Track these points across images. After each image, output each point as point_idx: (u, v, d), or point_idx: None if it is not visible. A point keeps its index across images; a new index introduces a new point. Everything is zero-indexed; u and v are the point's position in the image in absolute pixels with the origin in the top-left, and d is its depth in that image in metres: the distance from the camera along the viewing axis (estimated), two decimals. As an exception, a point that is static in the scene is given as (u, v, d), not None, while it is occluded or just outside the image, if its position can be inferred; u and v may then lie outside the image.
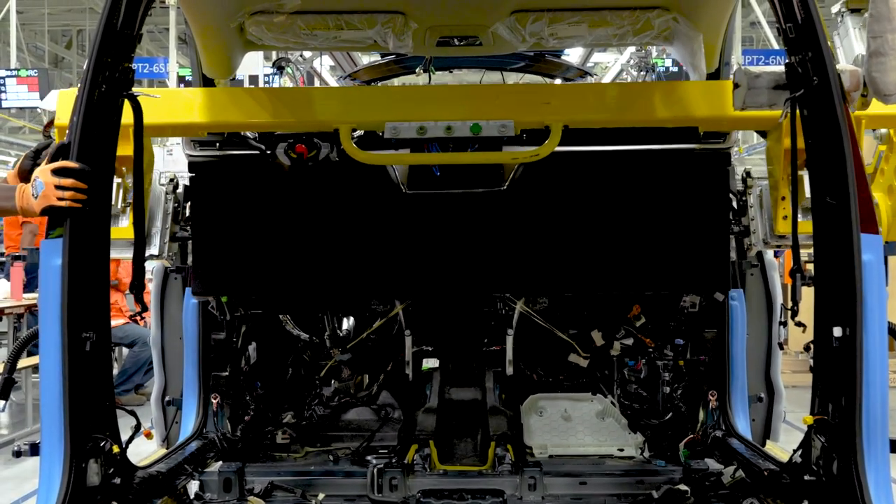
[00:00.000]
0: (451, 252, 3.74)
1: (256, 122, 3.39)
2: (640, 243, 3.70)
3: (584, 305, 4.25)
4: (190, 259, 3.76)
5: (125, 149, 2.96)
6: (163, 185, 3.64)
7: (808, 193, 2.98)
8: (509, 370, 4.15)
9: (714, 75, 3.68)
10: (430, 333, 4.29)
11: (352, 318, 4.42)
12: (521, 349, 4.26)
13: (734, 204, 3.69)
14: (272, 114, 3.25)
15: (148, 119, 2.90)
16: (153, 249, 3.54)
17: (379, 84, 6.38)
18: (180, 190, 3.75)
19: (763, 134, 3.56)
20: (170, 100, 3.30)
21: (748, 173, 3.63)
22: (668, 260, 3.70)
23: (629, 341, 4.26)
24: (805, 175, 3.05)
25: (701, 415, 3.99)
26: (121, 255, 3.30)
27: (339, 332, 4.39)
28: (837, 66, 2.76)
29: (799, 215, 2.94)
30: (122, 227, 3.35)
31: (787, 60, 2.80)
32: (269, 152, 3.59)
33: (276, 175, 3.62)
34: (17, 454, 3.00)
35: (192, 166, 3.73)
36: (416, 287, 3.89)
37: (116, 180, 3.20)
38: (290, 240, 3.74)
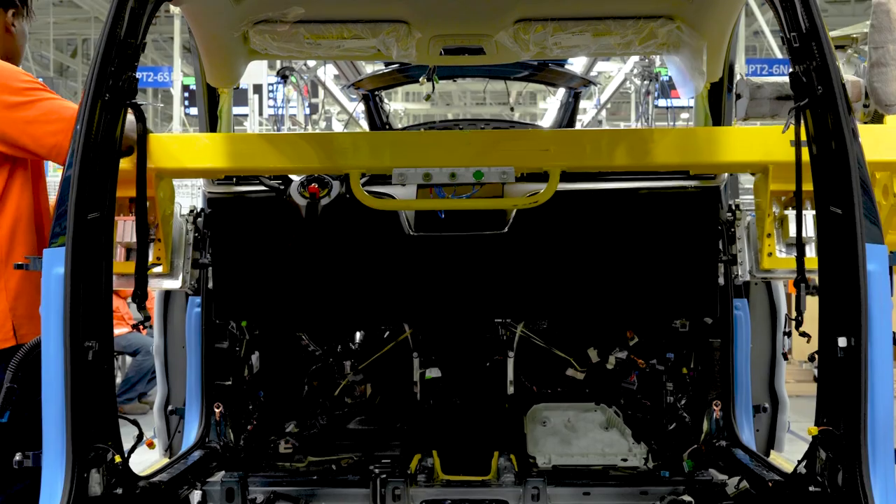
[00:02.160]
0: (456, 283, 3.93)
1: (269, 167, 3.49)
2: (634, 274, 3.88)
3: (580, 327, 4.33)
4: (210, 283, 3.85)
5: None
6: (184, 215, 3.65)
7: (793, 232, 3.17)
8: (510, 389, 4.22)
9: (718, 84, 3.69)
10: (436, 352, 4.33)
11: (362, 331, 4.44)
12: (523, 363, 4.28)
13: (724, 233, 3.75)
14: (284, 159, 3.35)
15: (168, 163, 3.15)
16: (176, 282, 3.56)
17: (384, 91, 6.41)
18: (200, 218, 3.80)
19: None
20: (188, 145, 3.40)
21: (737, 206, 3.68)
22: (659, 288, 3.89)
23: (623, 354, 4.28)
24: (790, 214, 3.22)
25: (705, 425, 3.97)
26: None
27: (351, 345, 4.40)
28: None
29: (784, 251, 3.19)
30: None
31: (791, 70, 2.80)
32: (282, 186, 3.75)
33: (290, 212, 3.75)
34: (19, 464, 2.98)
35: (211, 202, 3.83)
36: (422, 314, 4.08)
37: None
38: (304, 271, 3.92)
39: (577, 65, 14.34)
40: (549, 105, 24.44)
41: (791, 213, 3.23)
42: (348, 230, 3.83)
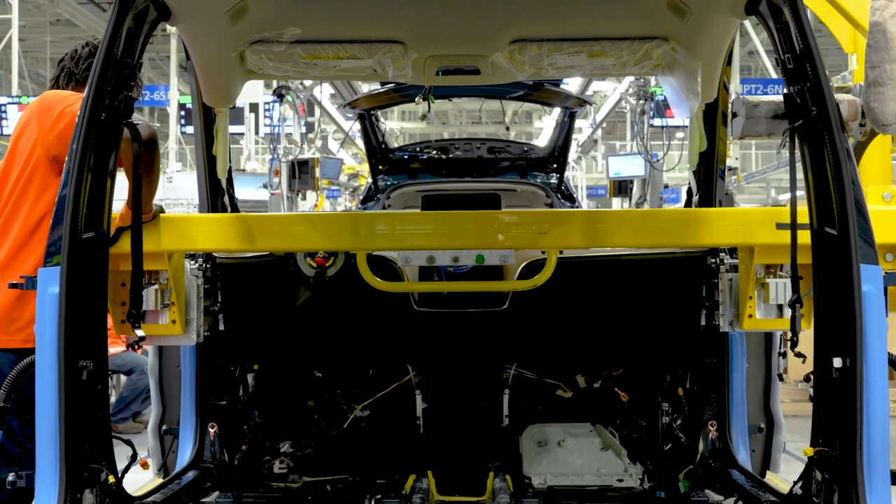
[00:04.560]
0: (459, 344, 4.20)
1: (277, 247, 3.68)
2: (625, 330, 4.13)
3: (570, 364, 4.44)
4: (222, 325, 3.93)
5: (157, 263, 3.29)
6: (193, 270, 3.66)
7: (772, 300, 3.33)
8: (505, 422, 4.25)
9: (712, 105, 3.70)
10: (437, 390, 4.37)
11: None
12: (518, 389, 4.30)
13: (709, 279, 3.81)
14: (291, 239, 3.45)
15: (179, 245, 3.32)
16: (192, 338, 3.58)
17: (380, 110, 6.42)
18: (209, 265, 3.83)
19: None
20: (198, 226, 3.48)
21: (721, 260, 3.70)
22: (645, 339, 4.13)
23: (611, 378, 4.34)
24: (771, 282, 3.32)
25: (700, 445, 3.96)
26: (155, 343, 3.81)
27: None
28: (835, 96, 2.77)
29: (764, 313, 3.36)
30: (161, 325, 3.44)
31: (785, 91, 2.81)
32: (290, 254, 3.90)
33: (298, 278, 3.92)
34: (13, 484, 2.97)
35: (221, 267, 3.87)
36: (424, 365, 4.26)
37: (153, 287, 3.33)
38: (313, 328, 4.11)
39: (572, 84, 14.37)
40: (545, 124, 24.51)
41: (772, 281, 3.32)
42: (354, 298, 3.95)
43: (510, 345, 4.20)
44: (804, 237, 2.86)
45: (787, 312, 3.27)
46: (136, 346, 3.22)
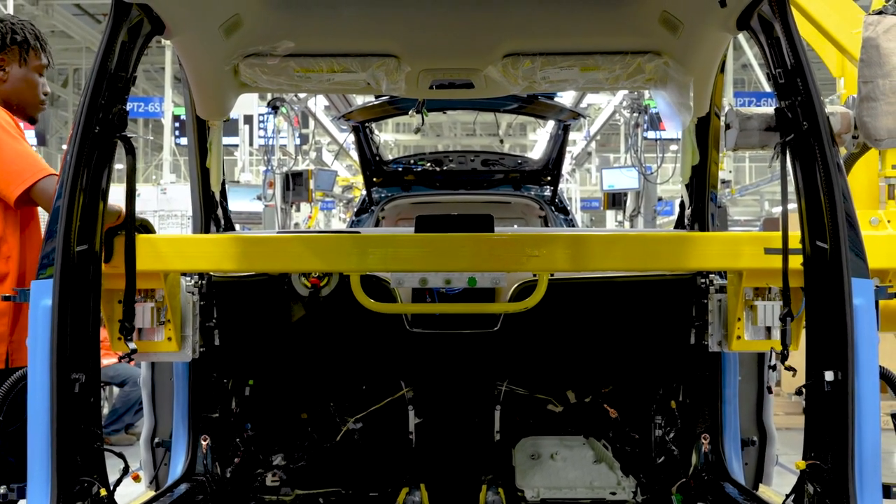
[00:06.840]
0: (451, 362, 4.23)
1: (272, 268, 3.69)
2: (616, 349, 4.18)
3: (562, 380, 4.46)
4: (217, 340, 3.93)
5: (152, 282, 3.29)
6: (188, 287, 3.66)
7: (760, 322, 3.37)
8: (497, 437, 4.26)
9: (704, 119, 3.72)
10: (430, 405, 4.39)
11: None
12: (510, 403, 4.31)
13: (699, 300, 3.83)
14: (285, 260, 3.45)
15: (174, 265, 3.30)
16: (187, 354, 3.59)
17: (374, 122, 6.43)
18: (204, 281, 3.83)
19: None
20: (194, 246, 3.47)
21: (711, 281, 3.71)
22: (637, 356, 4.16)
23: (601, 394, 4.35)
24: (759, 304, 3.36)
25: (693, 458, 3.96)
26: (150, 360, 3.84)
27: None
28: (828, 109, 2.79)
29: (752, 335, 3.40)
30: (157, 342, 3.45)
31: (776, 105, 2.83)
32: (284, 273, 3.92)
33: (292, 297, 3.93)
34: (4, 497, 2.96)
35: (215, 285, 3.86)
36: (418, 382, 4.28)
37: (149, 304, 3.33)
38: (307, 345, 4.13)
39: (566, 97, 14.39)
40: (539, 136, 24.55)
41: (760, 304, 3.35)
42: (348, 318, 3.96)
43: (502, 363, 4.20)
44: (794, 258, 2.88)
45: (775, 334, 3.30)
46: (129, 359, 3.22)
